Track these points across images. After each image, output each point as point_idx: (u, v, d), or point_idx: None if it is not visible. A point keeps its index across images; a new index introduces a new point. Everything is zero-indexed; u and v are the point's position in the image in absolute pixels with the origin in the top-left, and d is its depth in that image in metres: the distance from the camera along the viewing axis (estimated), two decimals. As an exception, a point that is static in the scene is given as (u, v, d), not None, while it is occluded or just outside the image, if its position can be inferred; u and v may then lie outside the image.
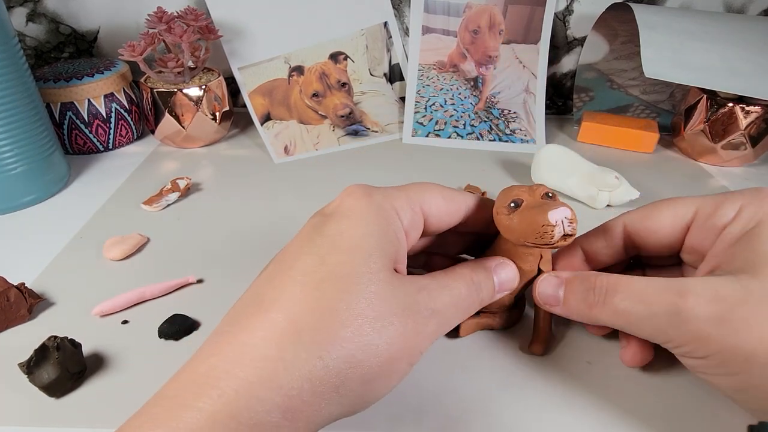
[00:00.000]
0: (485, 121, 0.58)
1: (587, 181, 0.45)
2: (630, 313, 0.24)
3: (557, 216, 0.23)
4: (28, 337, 0.31)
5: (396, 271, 0.23)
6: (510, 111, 0.58)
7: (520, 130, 0.58)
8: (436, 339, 0.24)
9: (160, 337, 0.31)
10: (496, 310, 0.31)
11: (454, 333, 0.31)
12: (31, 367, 0.26)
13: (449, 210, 0.27)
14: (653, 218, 0.28)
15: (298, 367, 0.18)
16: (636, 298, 0.24)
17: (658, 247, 0.28)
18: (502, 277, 0.27)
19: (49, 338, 0.27)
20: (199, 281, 0.36)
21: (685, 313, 0.22)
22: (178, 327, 0.31)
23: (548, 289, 0.27)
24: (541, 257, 0.28)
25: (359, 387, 0.20)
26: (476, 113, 0.58)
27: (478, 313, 0.30)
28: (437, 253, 0.31)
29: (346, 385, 0.20)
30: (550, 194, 0.26)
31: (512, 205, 0.26)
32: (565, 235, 0.24)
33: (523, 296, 0.32)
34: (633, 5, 0.51)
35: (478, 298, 0.26)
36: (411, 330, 0.21)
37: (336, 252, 0.21)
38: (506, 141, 0.57)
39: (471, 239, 0.31)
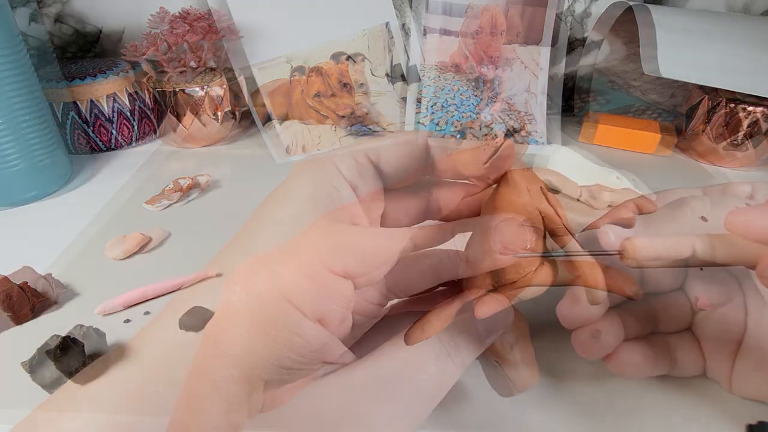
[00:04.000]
0: (487, 122, 0.58)
1: (589, 180, 0.45)
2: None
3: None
4: (30, 335, 0.31)
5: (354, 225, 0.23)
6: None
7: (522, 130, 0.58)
8: (387, 295, 0.22)
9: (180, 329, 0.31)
10: (517, 277, 0.24)
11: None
12: (33, 365, 0.27)
13: (401, 152, 0.25)
14: None
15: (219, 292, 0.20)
16: None
17: None
18: (506, 235, 0.21)
19: (51, 337, 0.27)
20: (218, 275, 0.36)
21: None
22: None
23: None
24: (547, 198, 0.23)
25: (285, 331, 0.19)
26: (492, 115, 0.58)
27: (496, 289, 0.25)
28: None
29: (267, 322, 0.19)
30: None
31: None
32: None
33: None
34: (633, 4, 0.51)
35: (458, 254, 0.21)
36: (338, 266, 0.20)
37: (270, 206, 0.23)
38: (508, 141, 0.57)
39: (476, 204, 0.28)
